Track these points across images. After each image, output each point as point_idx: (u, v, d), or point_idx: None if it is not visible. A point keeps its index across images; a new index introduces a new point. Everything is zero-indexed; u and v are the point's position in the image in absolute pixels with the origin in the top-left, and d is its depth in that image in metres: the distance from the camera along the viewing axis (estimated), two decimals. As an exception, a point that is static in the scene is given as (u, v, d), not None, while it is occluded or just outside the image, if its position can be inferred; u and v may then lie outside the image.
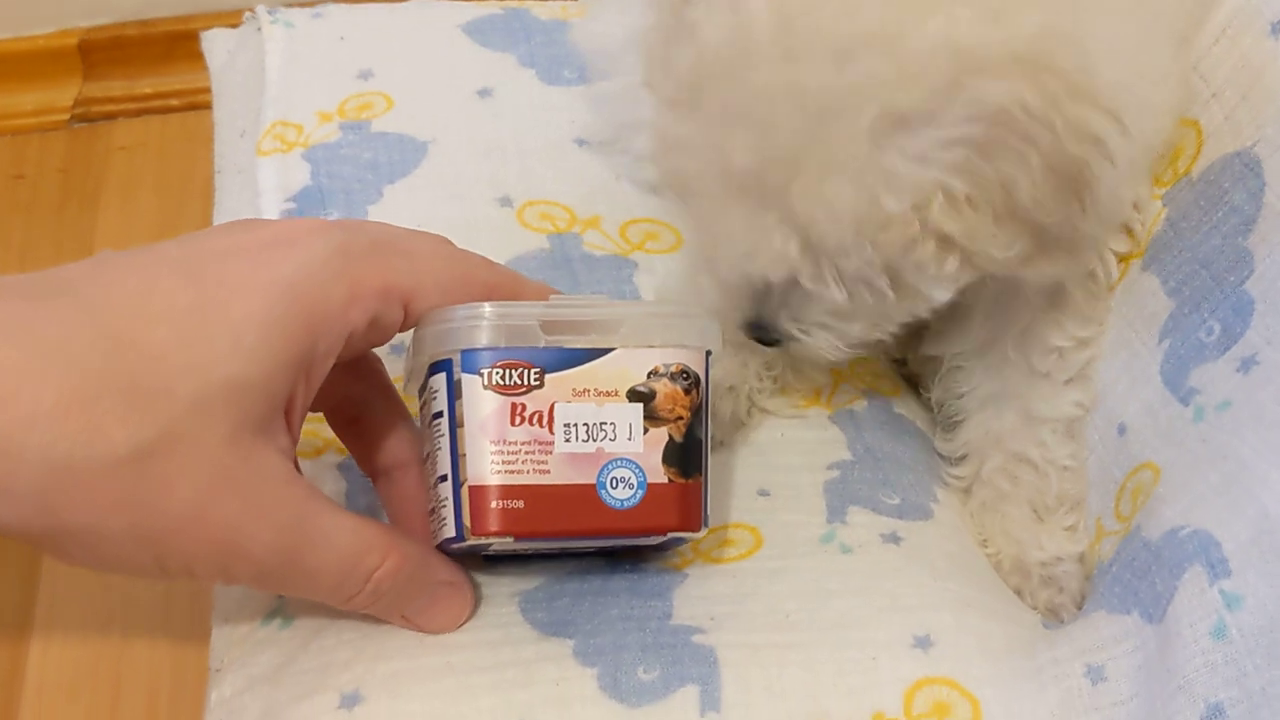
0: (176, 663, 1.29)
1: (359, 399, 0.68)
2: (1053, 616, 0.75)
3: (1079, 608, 0.74)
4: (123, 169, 1.77)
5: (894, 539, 0.71)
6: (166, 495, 0.55)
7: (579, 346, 0.62)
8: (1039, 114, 0.60)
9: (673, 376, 0.63)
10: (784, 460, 0.76)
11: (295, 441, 0.60)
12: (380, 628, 0.64)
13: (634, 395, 0.63)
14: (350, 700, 0.61)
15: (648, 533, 0.63)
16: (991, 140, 0.61)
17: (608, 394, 0.62)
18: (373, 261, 0.61)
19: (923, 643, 0.65)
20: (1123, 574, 0.67)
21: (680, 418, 0.63)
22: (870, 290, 0.67)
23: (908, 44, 0.60)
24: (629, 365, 0.63)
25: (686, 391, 0.63)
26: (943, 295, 0.68)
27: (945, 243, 0.64)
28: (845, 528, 0.72)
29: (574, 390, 0.62)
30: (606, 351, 0.63)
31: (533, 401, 0.62)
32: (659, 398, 0.63)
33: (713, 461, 0.65)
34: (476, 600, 0.66)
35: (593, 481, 0.62)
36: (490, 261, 0.67)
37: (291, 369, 0.58)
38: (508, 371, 0.62)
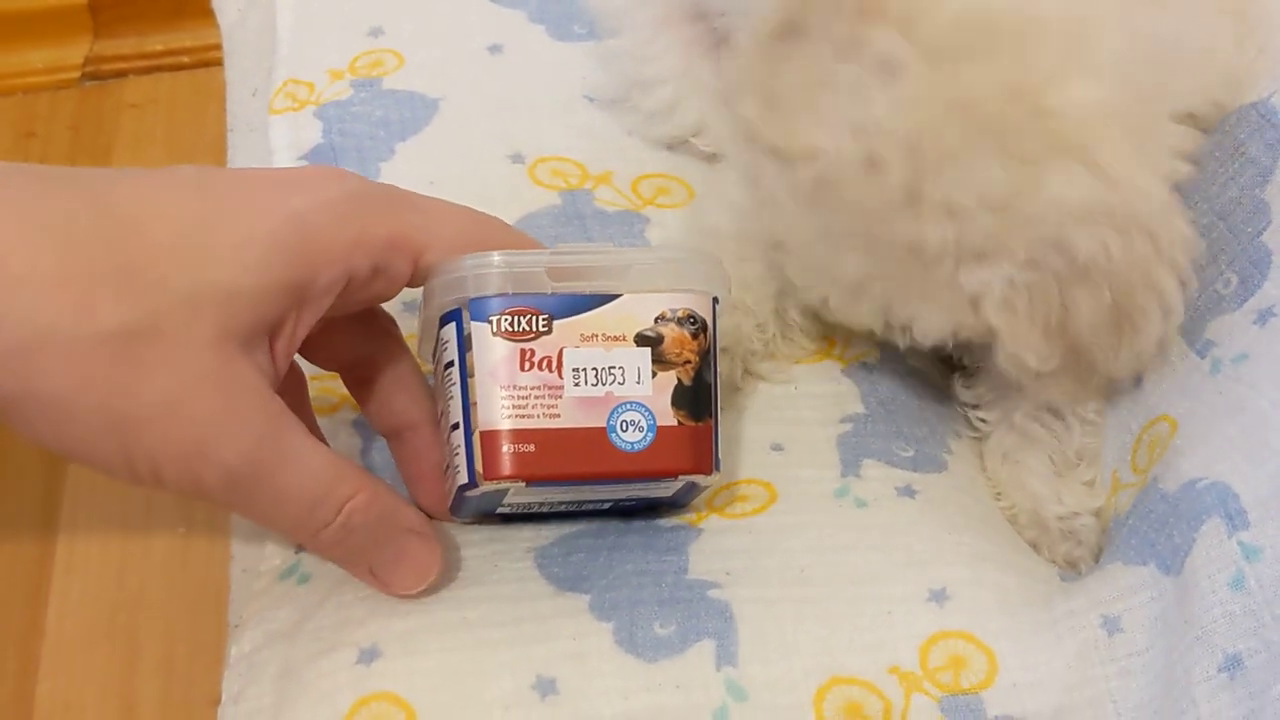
0: (193, 616, 1.31)
1: (372, 358, 0.68)
2: (1070, 569, 0.75)
3: (1096, 560, 0.74)
4: (133, 127, 1.77)
5: (909, 492, 0.71)
6: (143, 381, 0.55)
7: (586, 293, 0.63)
8: (1121, 267, 0.65)
9: (680, 321, 0.63)
10: (797, 414, 0.76)
11: (279, 373, 0.60)
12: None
13: (641, 340, 0.63)
14: (368, 655, 0.61)
15: (659, 475, 0.63)
16: (1070, 275, 0.65)
17: (615, 339, 0.63)
18: (384, 211, 0.62)
19: (938, 596, 0.65)
20: (1140, 526, 0.67)
21: (688, 361, 0.63)
22: None
23: (1023, 207, 0.63)
24: (636, 310, 0.63)
25: (694, 336, 0.64)
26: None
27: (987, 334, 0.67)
28: (859, 481, 0.72)
29: (582, 335, 0.62)
30: (613, 297, 0.63)
31: (541, 347, 0.62)
32: (666, 342, 0.63)
33: (725, 417, 0.65)
34: (443, 555, 0.65)
35: (603, 425, 0.62)
36: (508, 227, 0.67)
37: (285, 293, 0.58)
38: (516, 318, 0.62)
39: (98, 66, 1.82)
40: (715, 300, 0.65)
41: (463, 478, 0.63)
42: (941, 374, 0.84)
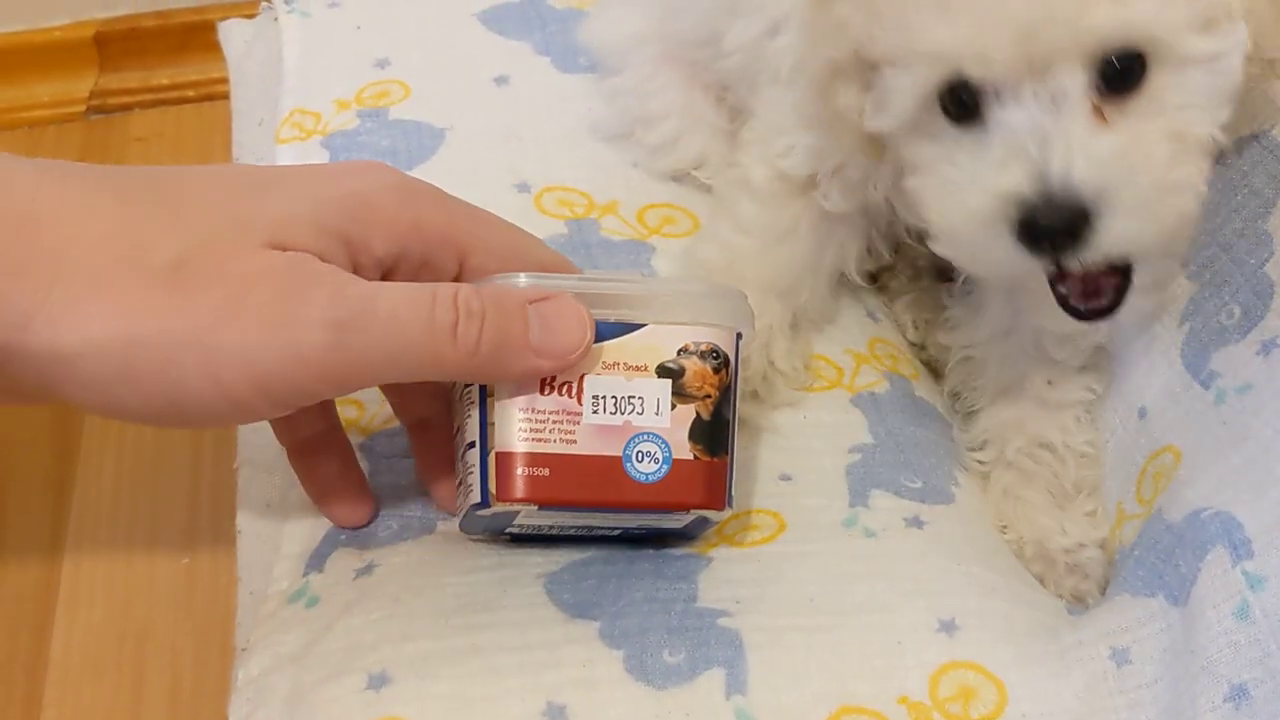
0: (199, 641, 1.30)
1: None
2: (1078, 603, 0.75)
3: (1103, 594, 0.74)
4: (139, 160, 1.78)
5: (916, 523, 0.71)
6: (201, 292, 0.54)
7: (611, 320, 0.63)
8: None
9: (702, 355, 0.63)
10: (805, 444, 0.76)
11: None
12: (406, 608, 0.65)
13: (663, 371, 0.63)
14: (378, 681, 0.61)
15: (671, 508, 0.64)
16: None
17: (637, 368, 0.63)
18: (438, 206, 0.63)
19: (947, 626, 0.65)
20: (1146, 557, 0.67)
21: (708, 396, 0.63)
22: None
23: None
24: (659, 341, 0.63)
25: (715, 370, 0.64)
26: (1225, 45, 0.65)
27: None
28: (868, 511, 0.72)
29: (604, 363, 0.62)
30: (638, 326, 0.63)
31: (563, 372, 0.62)
32: (688, 375, 0.63)
33: (735, 447, 0.65)
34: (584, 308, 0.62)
35: (619, 454, 0.62)
36: (542, 242, 0.68)
37: (340, 242, 0.58)
38: None
39: (103, 100, 1.83)
40: (739, 336, 0.65)
41: (475, 497, 0.63)
42: (947, 407, 0.84)
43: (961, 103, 0.66)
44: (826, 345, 0.83)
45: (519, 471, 0.62)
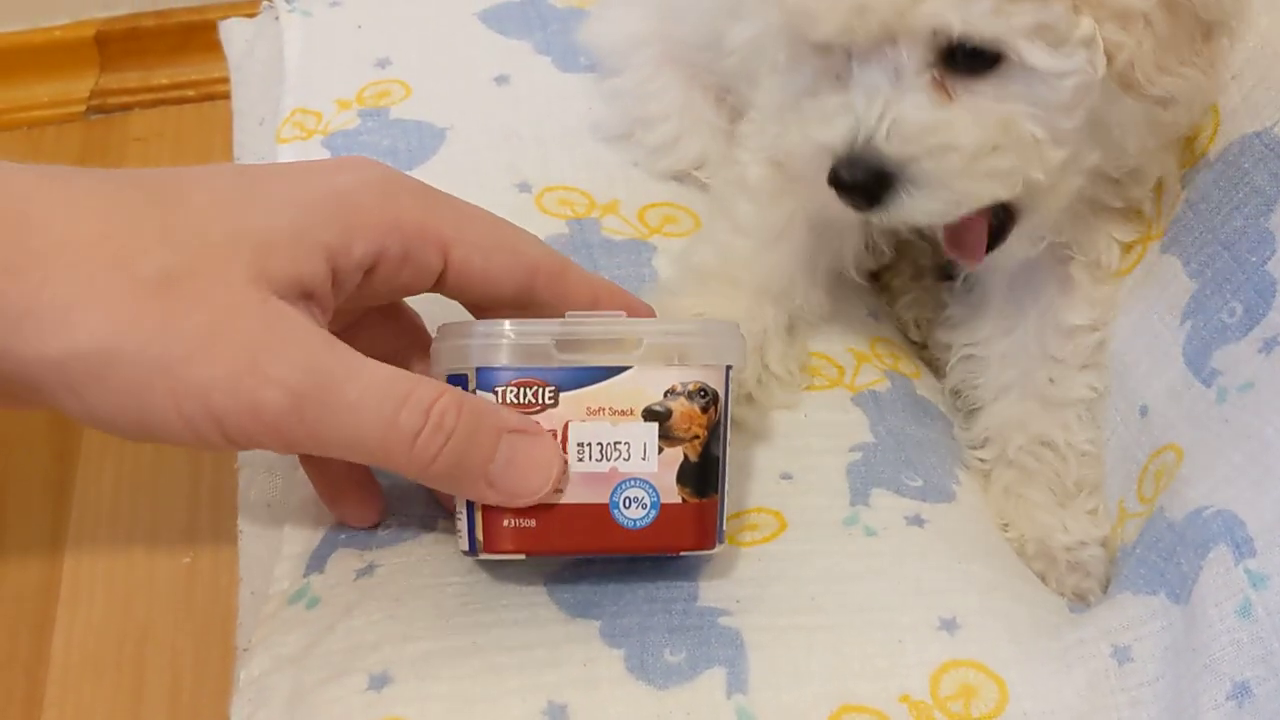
0: (199, 641, 1.30)
1: (402, 352, 0.68)
2: (1079, 601, 0.75)
3: (1104, 591, 0.74)
4: (139, 160, 1.78)
5: (917, 521, 0.71)
6: (182, 317, 0.54)
7: (594, 365, 0.62)
8: None
9: (690, 395, 0.62)
10: (806, 443, 0.76)
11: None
12: (406, 608, 0.65)
13: (649, 414, 0.62)
14: (379, 682, 0.61)
15: (660, 551, 0.63)
16: None
17: (623, 413, 0.62)
18: (419, 201, 0.62)
19: (949, 625, 0.65)
20: (1148, 555, 0.67)
21: (696, 436, 0.62)
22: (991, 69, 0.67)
23: None
24: (645, 384, 0.62)
25: (704, 410, 0.62)
26: (1068, 66, 0.66)
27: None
28: (869, 510, 0.72)
29: (588, 409, 0.61)
30: (622, 370, 0.62)
31: (547, 420, 0.61)
32: (675, 417, 0.62)
33: (733, 444, 0.65)
34: (560, 453, 0.62)
35: (605, 501, 0.62)
36: (539, 240, 0.67)
37: (321, 253, 0.58)
38: (522, 390, 0.61)
39: (103, 100, 1.83)
40: (729, 369, 0.64)
41: (464, 544, 0.63)
42: (948, 406, 0.84)
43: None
44: (828, 344, 0.83)
45: (505, 524, 0.61)
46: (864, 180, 0.67)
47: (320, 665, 0.62)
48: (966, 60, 0.66)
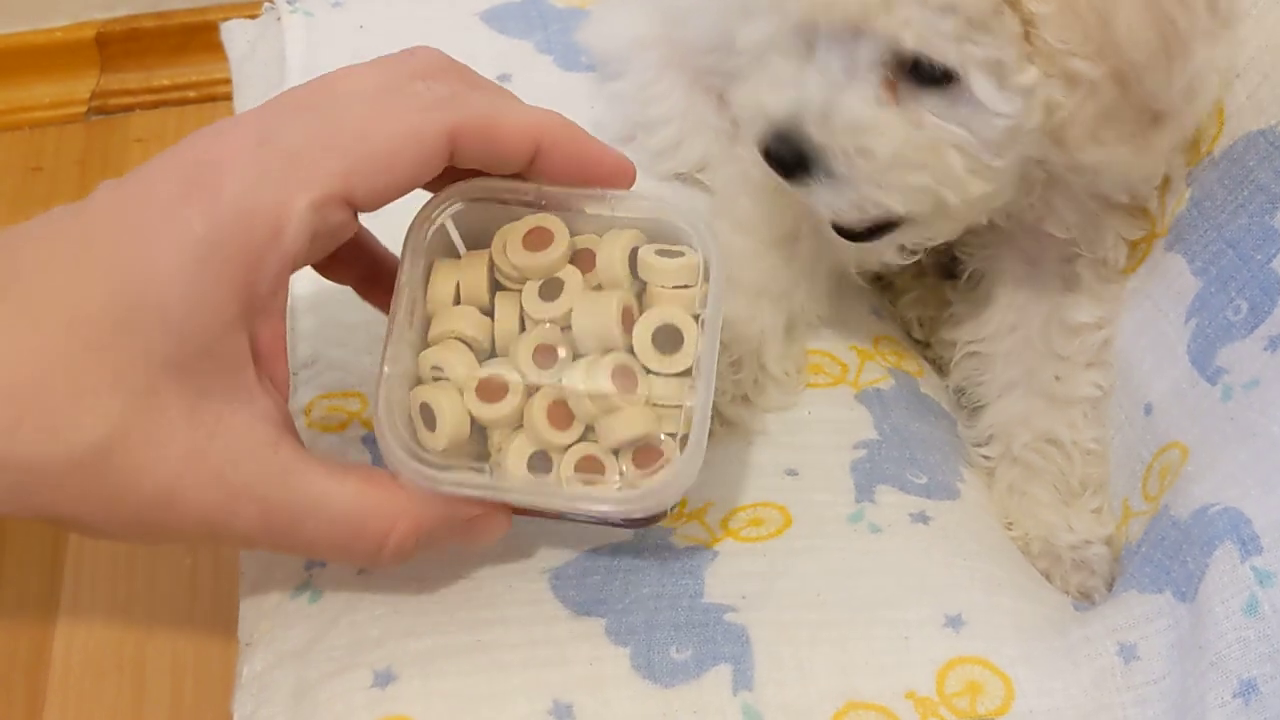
0: (201, 644, 1.30)
1: (377, 257, 0.68)
2: (1084, 599, 0.75)
3: (1109, 589, 0.74)
4: (140, 161, 1.76)
5: (922, 518, 0.71)
6: (134, 488, 0.54)
7: None
8: None
9: None
10: (811, 440, 0.76)
11: (283, 387, 0.59)
12: (410, 603, 0.65)
13: None
14: (383, 678, 0.61)
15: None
16: None
17: None
18: (301, 169, 0.57)
19: (954, 622, 0.65)
20: (1153, 553, 0.67)
21: None
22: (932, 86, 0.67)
23: None
24: None
25: None
26: (1006, 108, 0.66)
27: (1030, 28, 0.64)
28: (874, 507, 0.72)
29: None
30: None
31: None
32: None
33: (738, 442, 0.65)
34: (508, 515, 0.63)
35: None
36: (519, 102, 0.66)
37: (235, 322, 0.55)
38: None
39: (104, 101, 1.82)
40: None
41: None
42: (952, 403, 0.84)
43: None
44: (831, 342, 0.83)
45: None
46: (787, 157, 0.69)
47: (323, 660, 0.62)
48: (922, 70, 0.66)
